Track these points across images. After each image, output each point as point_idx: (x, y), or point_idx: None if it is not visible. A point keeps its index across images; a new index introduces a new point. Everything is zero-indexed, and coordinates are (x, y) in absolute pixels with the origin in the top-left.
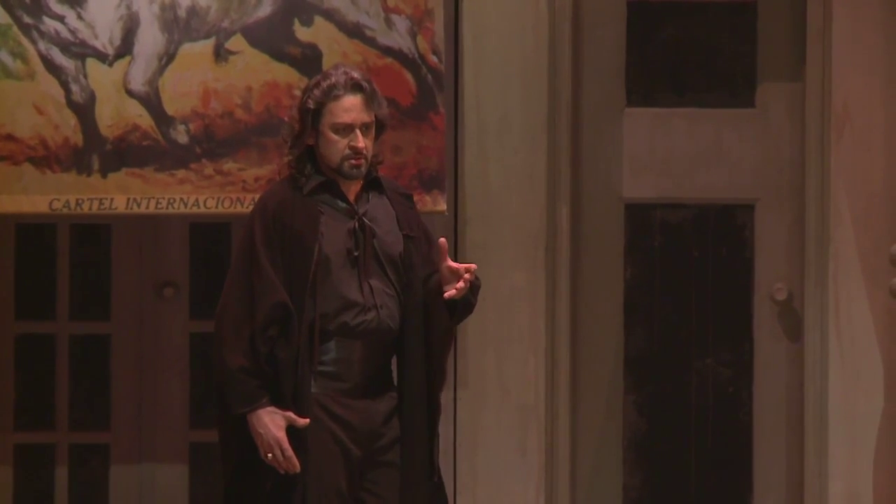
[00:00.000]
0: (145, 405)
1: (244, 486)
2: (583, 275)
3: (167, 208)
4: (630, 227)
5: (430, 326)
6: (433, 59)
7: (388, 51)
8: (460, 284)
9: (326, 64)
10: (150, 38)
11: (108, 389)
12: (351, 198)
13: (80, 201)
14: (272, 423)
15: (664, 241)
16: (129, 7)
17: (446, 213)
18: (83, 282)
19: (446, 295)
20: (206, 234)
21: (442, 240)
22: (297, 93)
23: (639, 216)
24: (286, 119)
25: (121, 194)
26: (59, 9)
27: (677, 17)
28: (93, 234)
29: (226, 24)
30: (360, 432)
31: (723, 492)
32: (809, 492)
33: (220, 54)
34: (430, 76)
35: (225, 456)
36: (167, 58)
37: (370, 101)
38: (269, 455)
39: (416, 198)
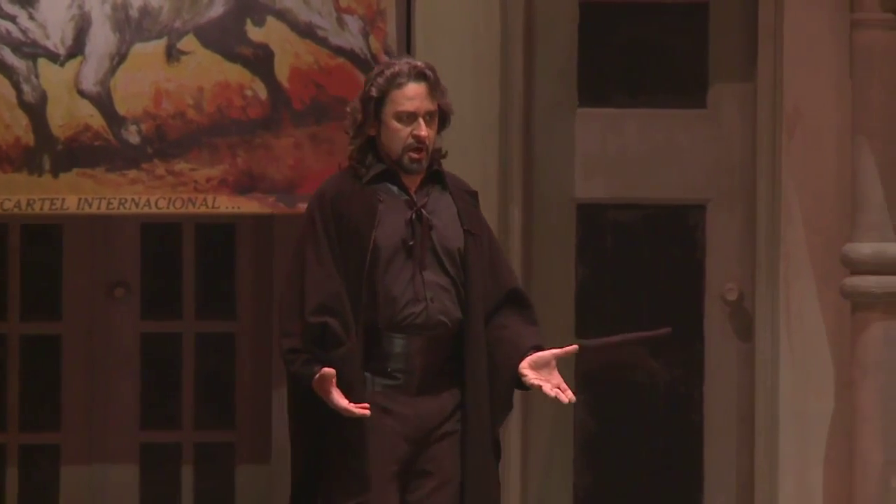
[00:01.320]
0: (96, 406)
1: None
2: (535, 275)
3: (119, 208)
4: (582, 228)
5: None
6: (385, 59)
7: (340, 51)
8: (547, 387)
9: (279, 64)
10: (101, 38)
11: (59, 390)
12: (412, 189)
13: (31, 201)
14: (321, 390)
15: (616, 241)
16: (80, 7)
17: None
18: (34, 282)
19: (531, 378)
20: (158, 235)
21: (574, 347)
22: (249, 93)
23: (591, 216)
24: (347, 109)
25: (72, 194)
26: (10, 9)
27: (629, 17)
28: (44, 234)
29: (178, 24)
30: (415, 430)
31: (673, 491)
32: (760, 491)
33: (172, 54)
34: None
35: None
36: (119, 58)
37: (434, 89)
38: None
39: None
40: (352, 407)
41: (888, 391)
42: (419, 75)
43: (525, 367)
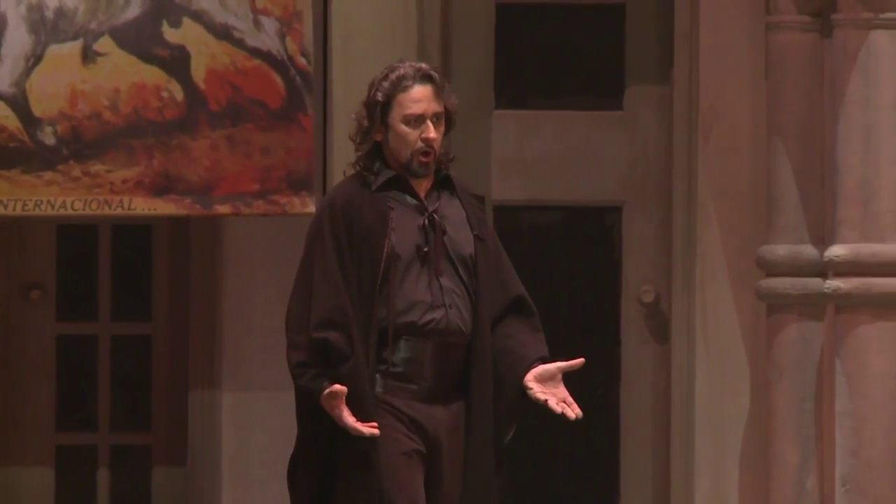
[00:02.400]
0: (11, 408)
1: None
2: None
3: (34, 210)
4: (498, 230)
5: (497, 387)
6: (302, 60)
7: (256, 52)
8: (553, 402)
9: (195, 65)
10: (17, 39)
11: None
12: (421, 194)
13: None
14: (328, 406)
15: (532, 243)
16: None
17: None
18: None
19: (537, 392)
20: (74, 236)
21: (580, 360)
22: (166, 94)
23: (507, 218)
24: (352, 116)
25: None
26: None
27: (546, 19)
28: None
29: (94, 25)
30: (426, 435)
31: (590, 492)
32: (676, 492)
33: (88, 56)
34: (298, 78)
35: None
36: (34, 59)
37: (440, 90)
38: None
39: (283, 200)
40: (359, 426)
41: (803, 392)
42: (424, 77)
43: (531, 380)
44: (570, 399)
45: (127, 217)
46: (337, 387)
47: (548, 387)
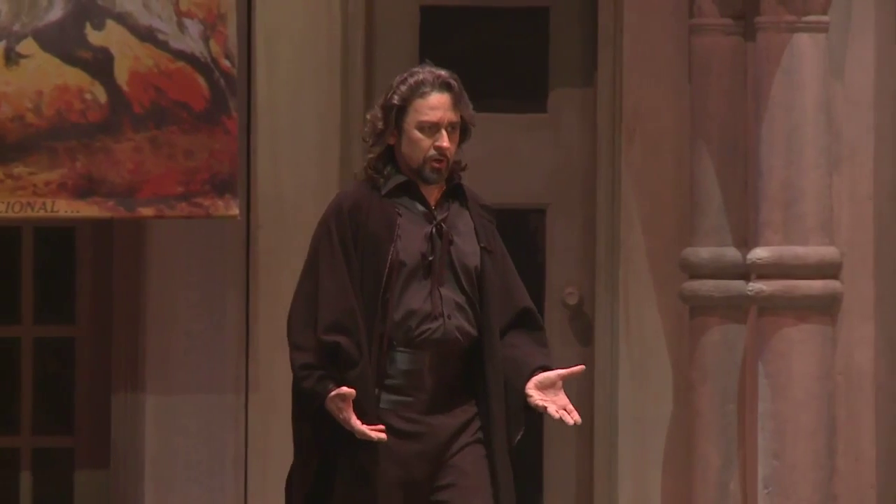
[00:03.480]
0: None
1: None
2: None
3: None
4: None
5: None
6: (226, 63)
7: (180, 55)
8: (552, 409)
9: (118, 68)
10: None
11: None
12: (431, 202)
13: None
14: (335, 408)
15: None
16: None
17: (239, 218)
18: None
19: (536, 399)
20: None
21: (581, 367)
22: (89, 97)
23: None
24: (367, 117)
25: None
26: None
27: (470, 22)
28: None
29: (17, 27)
30: (428, 448)
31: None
32: (599, 494)
33: (11, 58)
34: (222, 80)
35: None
36: None
37: (458, 100)
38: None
39: (207, 203)
40: (366, 429)
41: (726, 395)
42: (443, 85)
43: (531, 387)
44: (570, 406)
45: (50, 219)
46: (346, 388)
47: (548, 394)
